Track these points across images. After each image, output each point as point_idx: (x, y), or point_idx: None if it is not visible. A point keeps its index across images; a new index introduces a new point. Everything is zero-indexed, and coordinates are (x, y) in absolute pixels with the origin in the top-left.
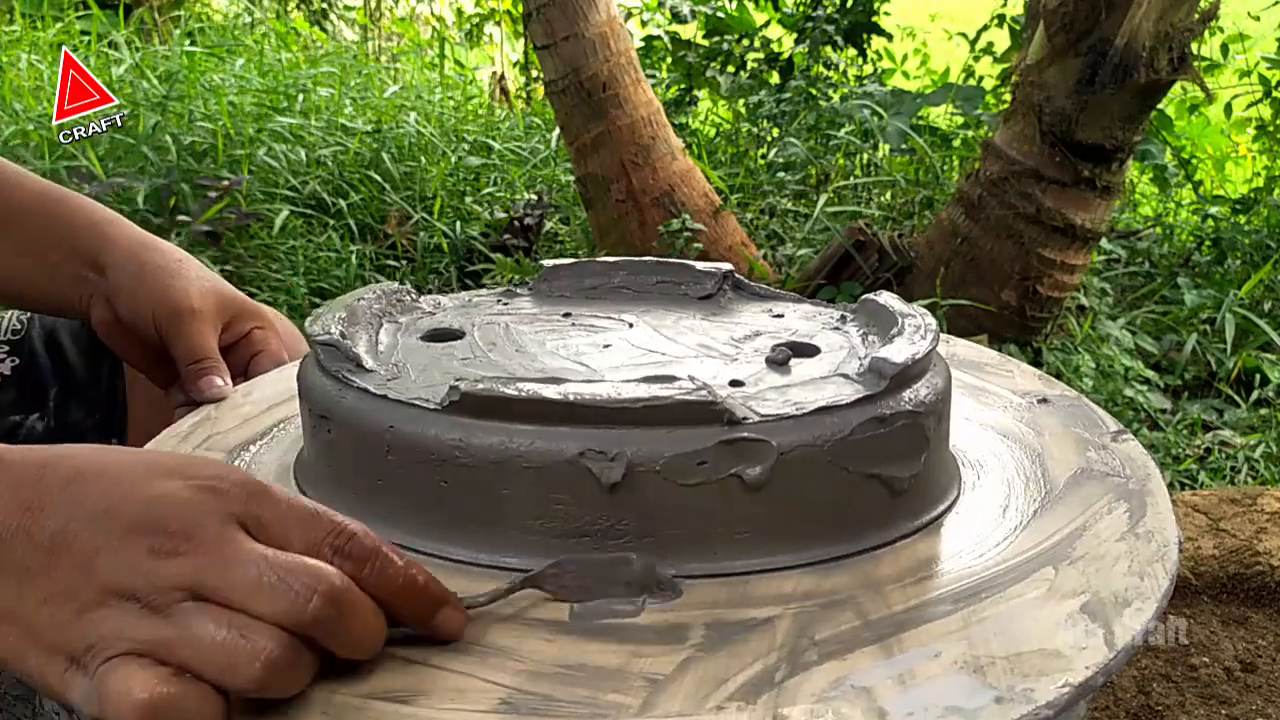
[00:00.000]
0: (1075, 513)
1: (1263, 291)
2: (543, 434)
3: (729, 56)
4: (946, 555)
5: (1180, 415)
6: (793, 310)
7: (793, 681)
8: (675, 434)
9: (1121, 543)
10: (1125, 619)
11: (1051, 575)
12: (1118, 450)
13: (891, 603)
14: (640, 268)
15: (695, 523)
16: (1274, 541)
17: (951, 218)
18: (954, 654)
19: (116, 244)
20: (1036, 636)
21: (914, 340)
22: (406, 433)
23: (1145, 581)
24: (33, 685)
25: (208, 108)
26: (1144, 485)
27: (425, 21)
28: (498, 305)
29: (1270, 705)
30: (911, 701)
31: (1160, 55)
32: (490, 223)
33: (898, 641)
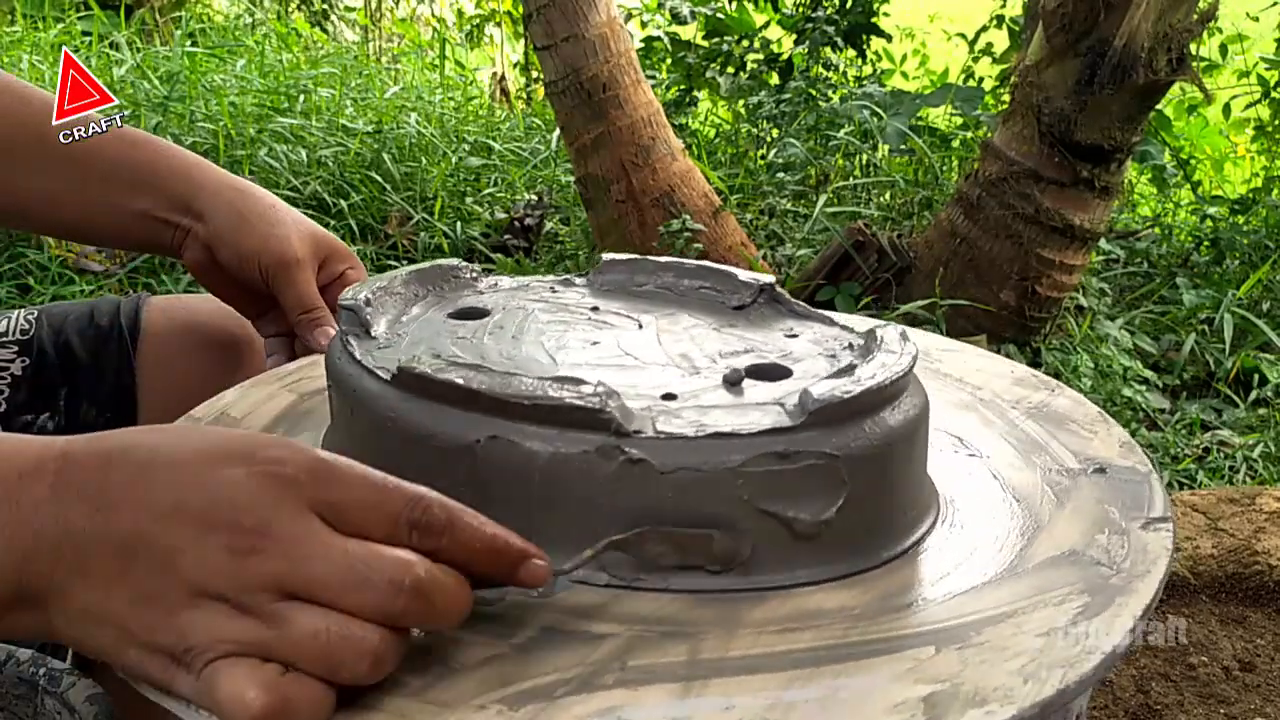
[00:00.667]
0: (1019, 596)
1: (1261, 291)
2: (452, 416)
3: (729, 57)
4: (833, 611)
5: (1179, 415)
6: (811, 331)
7: (568, 700)
8: (564, 435)
9: (1039, 639)
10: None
11: (929, 654)
12: (1136, 537)
13: (733, 647)
14: (687, 271)
15: (574, 528)
16: (1272, 541)
17: (950, 218)
18: (750, 713)
19: (210, 189)
20: (850, 719)
21: (860, 379)
22: (364, 399)
23: (1027, 685)
24: (138, 680)
25: (209, 108)
26: (1129, 583)
27: (426, 22)
28: (546, 292)
29: (1269, 704)
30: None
31: (1159, 56)
32: (491, 223)
33: (703, 685)
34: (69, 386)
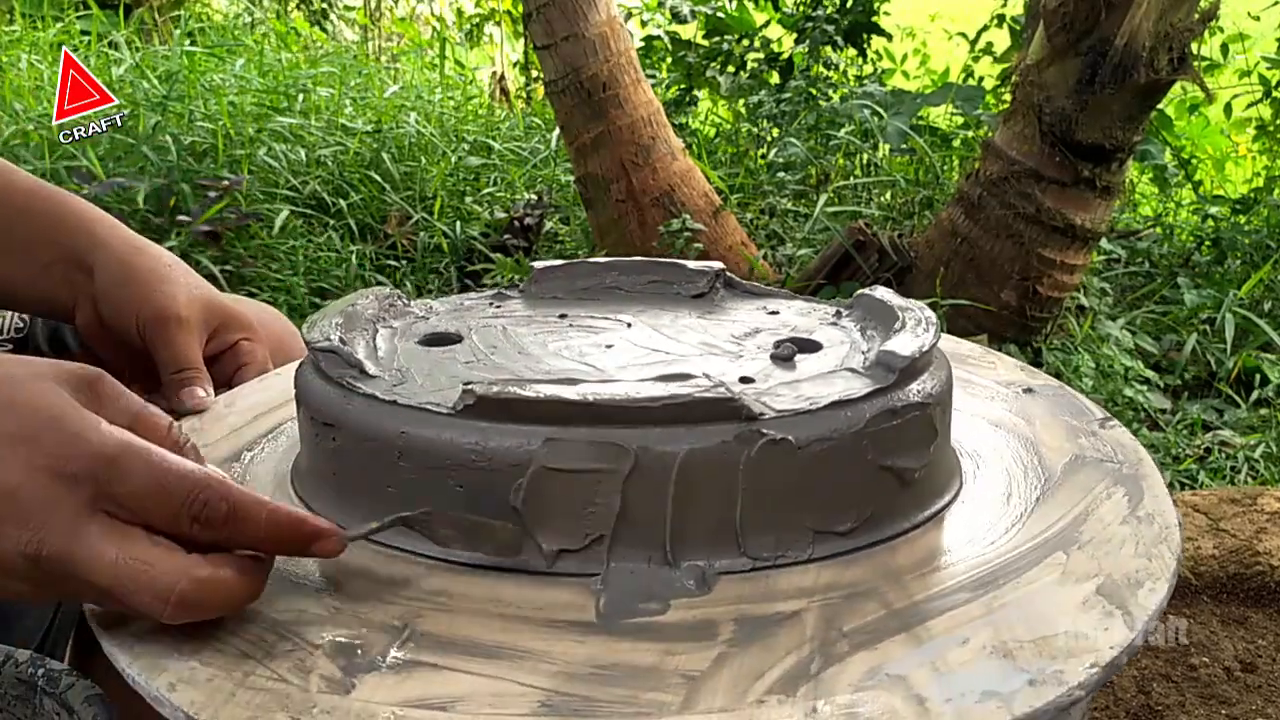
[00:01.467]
0: (1076, 498)
1: (1262, 291)
2: (561, 435)
3: (729, 56)
4: (958, 544)
5: (1180, 415)
6: (787, 307)
7: (829, 673)
8: (694, 431)
9: (1125, 526)
10: (1140, 599)
11: (1063, 560)
12: (1106, 436)
13: (912, 592)
14: (633, 268)
15: (715, 519)
16: (1274, 541)
17: (951, 218)
18: (981, 640)
19: (106, 245)
20: (1059, 620)
21: (918, 333)
22: (420, 438)
23: (1153, 563)
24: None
25: (208, 108)
26: (1137, 470)
27: (425, 22)
28: (491, 309)
29: (1270, 705)
30: (948, 688)
31: (1160, 55)
32: (490, 223)
33: (925, 629)
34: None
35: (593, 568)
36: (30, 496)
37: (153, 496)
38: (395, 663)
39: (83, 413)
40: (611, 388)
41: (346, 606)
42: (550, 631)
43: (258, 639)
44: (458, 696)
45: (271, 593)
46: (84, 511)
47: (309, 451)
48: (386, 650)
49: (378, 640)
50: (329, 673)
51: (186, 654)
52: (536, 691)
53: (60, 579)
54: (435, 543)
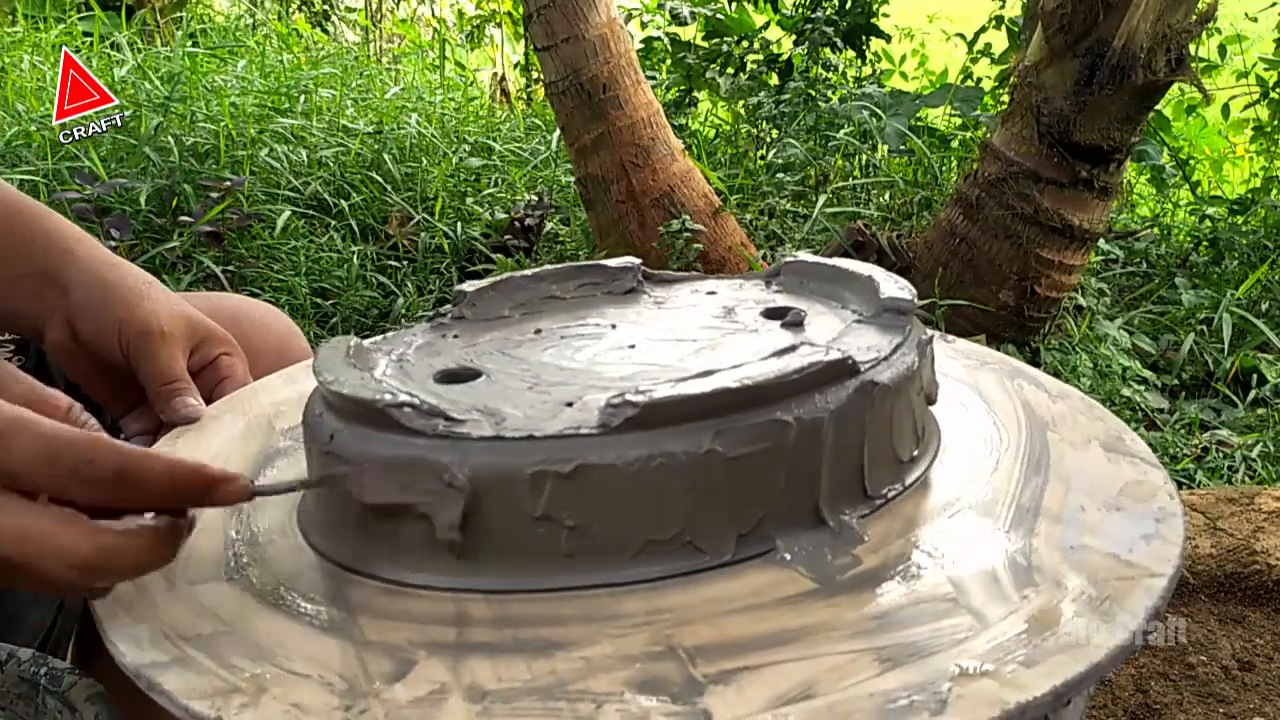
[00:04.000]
0: (1005, 394)
1: (1260, 291)
2: (727, 425)
3: (728, 58)
4: (979, 445)
5: (1178, 415)
6: (717, 286)
7: (1035, 559)
8: (827, 394)
9: (1058, 404)
10: (1132, 445)
11: (1058, 436)
12: (963, 348)
13: (1002, 488)
14: (560, 275)
15: (850, 471)
16: (1271, 540)
17: (950, 218)
18: (1091, 505)
19: (80, 262)
20: (1113, 475)
21: (894, 281)
22: (589, 465)
23: (1108, 422)
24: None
25: (210, 109)
26: (1012, 364)
27: (426, 23)
28: (451, 339)
29: (1268, 704)
30: (1118, 542)
31: (1158, 56)
32: (491, 223)
33: (1048, 510)
34: (66, 386)
35: (765, 546)
36: None
37: (42, 464)
38: (711, 677)
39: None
40: (752, 370)
41: (589, 653)
42: (795, 608)
43: (547, 709)
44: (807, 681)
45: (490, 668)
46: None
47: (373, 523)
48: (689, 672)
49: (667, 668)
50: (666, 709)
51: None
52: (862, 654)
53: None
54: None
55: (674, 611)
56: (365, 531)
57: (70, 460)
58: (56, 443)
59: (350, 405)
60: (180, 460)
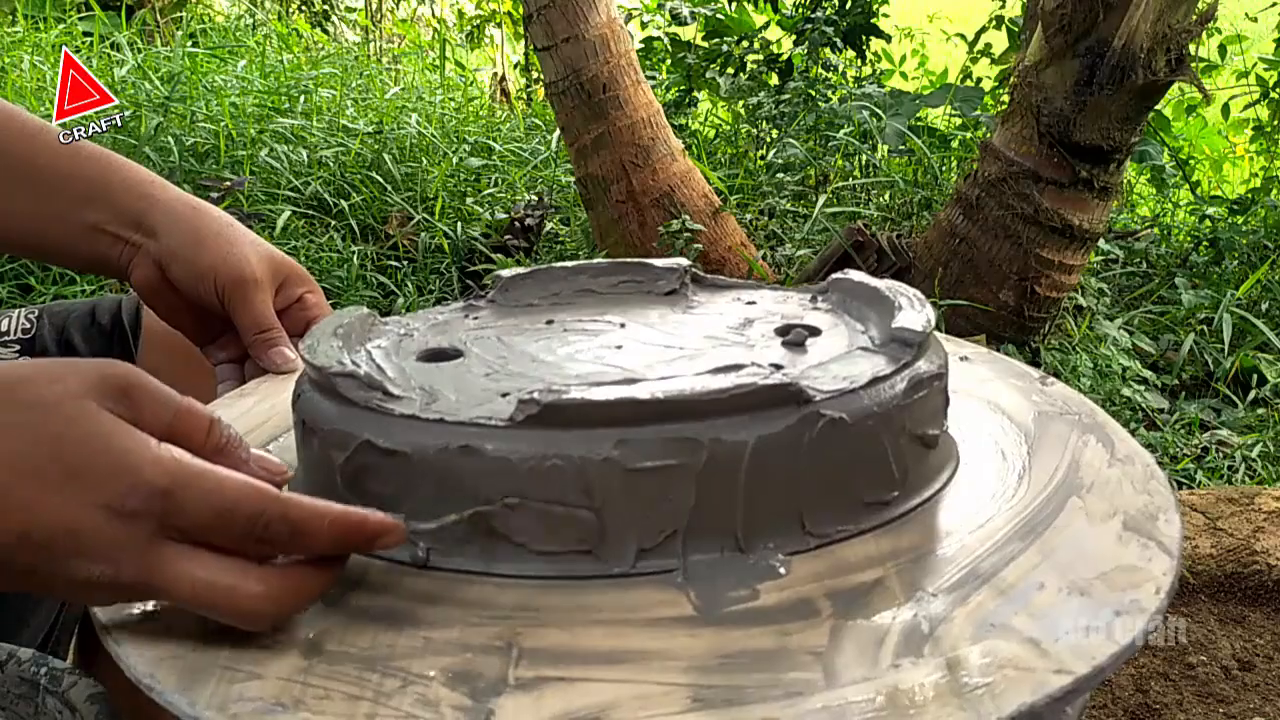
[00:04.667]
0: (1060, 449)
1: (1260, 292)
2: (632, 435)
3: (728, 58)
4: (985, 500)
5: (1178, 415)
6: (761, 296)
7: (941, 630)
8: (759, 418)
9: (1113, 469)
10: (1163, 529)
11: (1080, 503)
12: (1053, 393)
13: (972, 548)
14: (601, 269)
15: (781, 502)
16: (1271, 540)
17: (950, 218)
18: (1055, 583)
19: (164, 205)
20: (1108, 556)
21: (917, 309)
22: (484, 453)
23: (1155, 498)
24: None
25: (210, 109)
26: (1095, 418)
27: (426, 23)
28: (470, 320)
29: (1268, 704)
30: (1051, 629)
31: (1158, 56)
32: (491, 223)
33: (1000, 580)
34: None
35: (669, 563)
36: (93, 535)
37: (215, 525)
38: (521, 681)
39: (129, 436)
40: (672, 384)
41: (436, 634)
42: (656, 630)
43: (358, 679)
44: (606, 704)
45: (343, 631)
46: (151, 542)
47: (324, 479)
48: (505, 671)
49: (489, 663)
50: (458, 702)
51: (290, 708)
52: (680, 689)
53: (141, 597)
54: (510, 540)
55: (540, 612)
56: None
57: (243, 521)
58: (226, 503)
59: (312, 371)
60: (343, 512)
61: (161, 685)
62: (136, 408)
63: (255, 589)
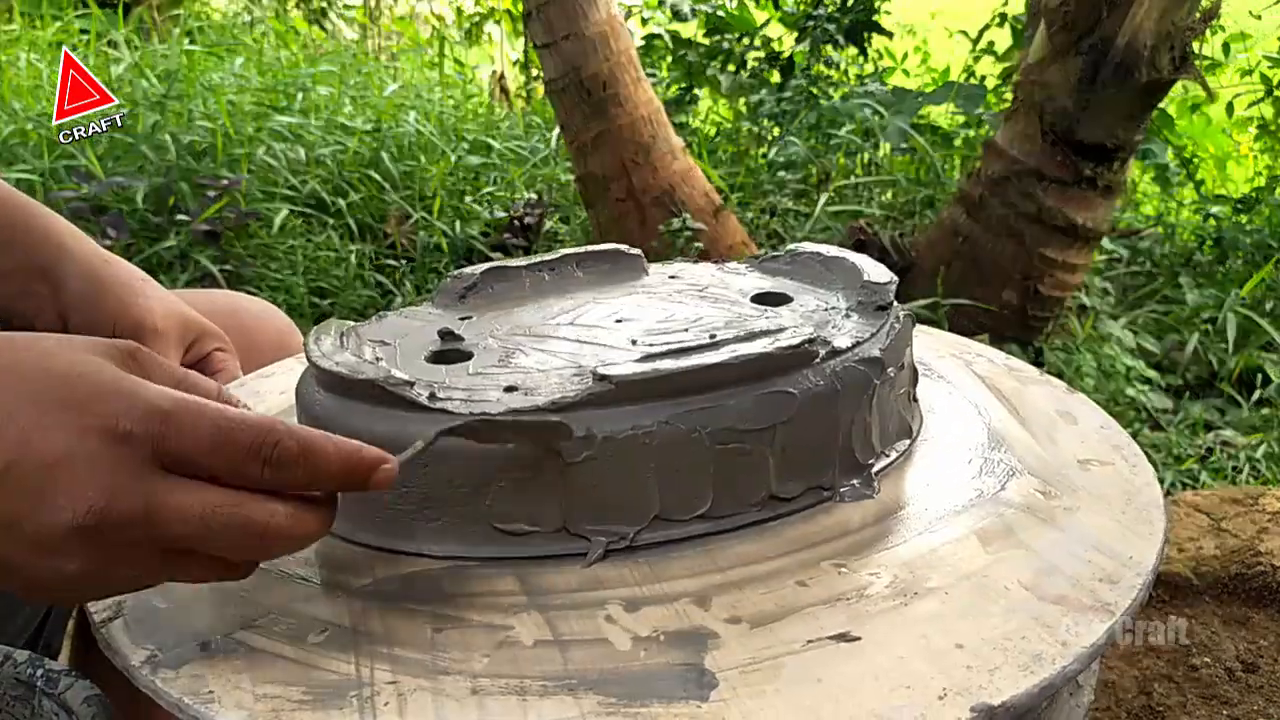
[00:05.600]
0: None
1: (1264, 291)
2: (713, 399)
3: (729, 55)
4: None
5: (1182, 415)
6: (681, 270)
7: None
8: (803, 375)
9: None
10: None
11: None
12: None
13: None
14: (541, 267)
15: (846, 439)
16: (1276, 541)
17: (953, 217)
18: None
19: (74, 258)
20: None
21: (877, 265)
22: (604, 429)
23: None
24: None
25: (207, 107)
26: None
27: (425, 20)
28: (423, 324)
29: (1272, 705)
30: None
31: (1161, 54)
32: (490, 222)
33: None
34: None
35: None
36: (86, 460)
37: (219, 446)
38: None
39: (129, 375)
40: (750, 345)
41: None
42: None
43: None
44: None
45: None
46: (147, 467)
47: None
48: None
49: None
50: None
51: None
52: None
53: (126, 543)
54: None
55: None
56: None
57: (249, 440)
58: (233, 423)
59: (328, 378)
60: (346, 441)
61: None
62: (144, 369)
63: (274, 506)
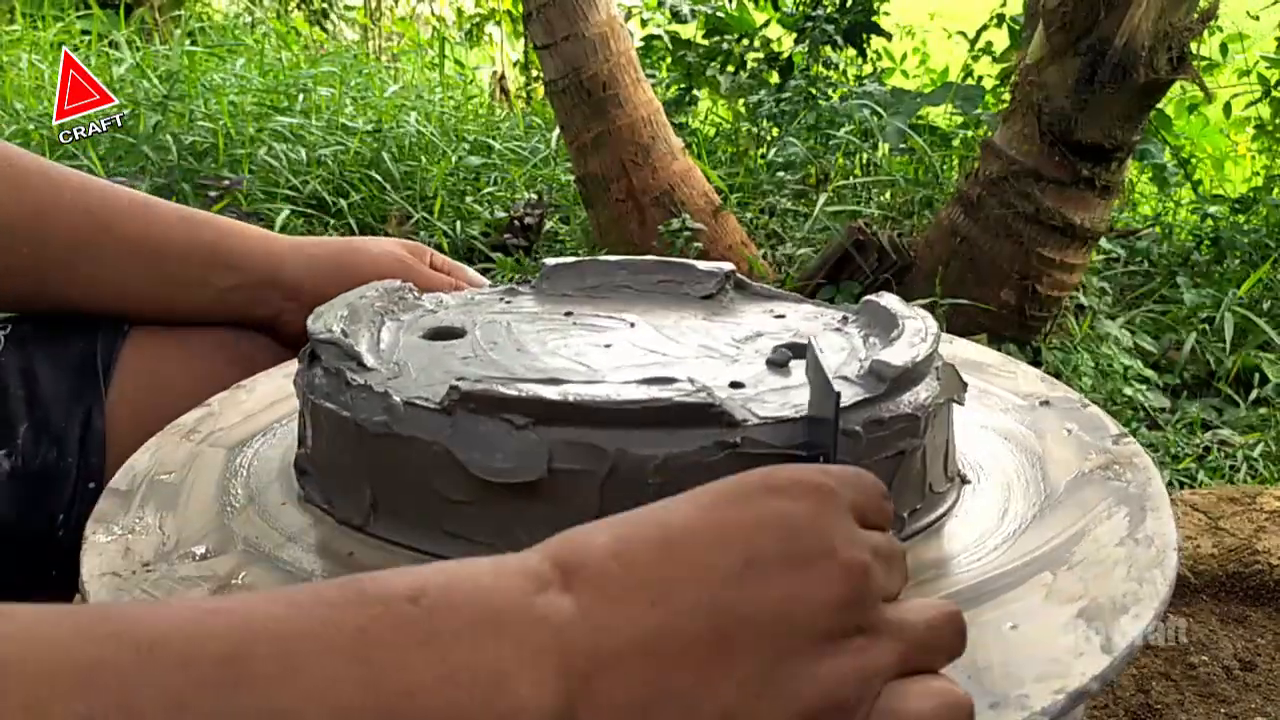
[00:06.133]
0: (1074, 517)
1: (1262, 291)
2: (540, 434)
3: (729, 56)
4: (947, 558)
5: (1179, 414)
6: (794, 311)
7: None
8: (674, 435)
9: (1121, 548)
10: (1123, 625)
11: (1050, 580)
12: (1119, 453)
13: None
14: (642, 267)
15: None
16: (1273, 540)
17: (951, 217)
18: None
19: (293, 257)
20: (1036, 643)
21: (913, 343)
22: (408, 432)
23: (1144, 587)
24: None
25: (208, 107)
26: (1144, 489)
27: (425, 21)
28: (500, 304)
29: (1269, 703)
30: None
31: (1159, 55)
32: (490, 222)
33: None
34: (30, 423)
35: None
36: (809, 519)
37: (874, 494)
38: None
39: None
40: (594, 389)
41: None
42: None
43: None
44: None
45: None
46: (847, 512)
47: (308, 439)
48: None
49: None
50: None
51: None
52: None
53: None
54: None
55: None
56: None
57: (880, 489)
58: (876, 481)
59: (309, 335)
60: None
61: None
62: None
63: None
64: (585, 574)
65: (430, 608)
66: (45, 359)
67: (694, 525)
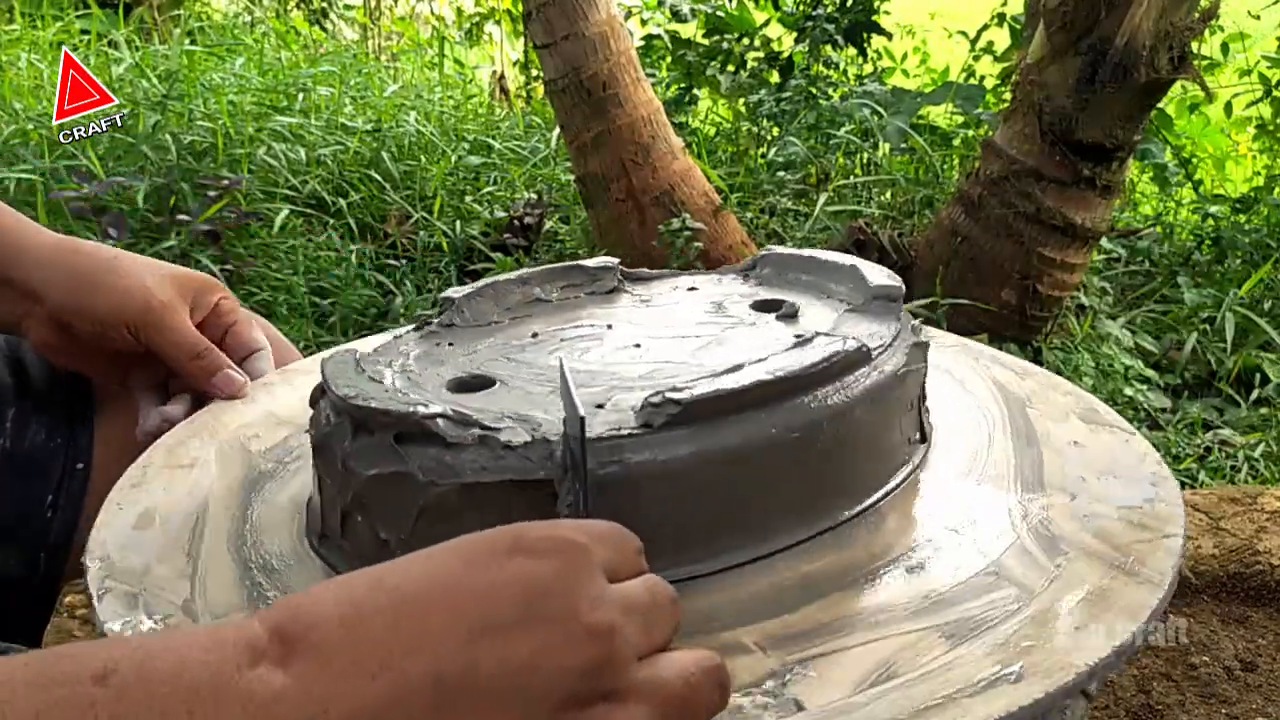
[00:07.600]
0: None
1: (1263, 290)
2: (758, 417)
3: (729, 55)
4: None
5: (1180, 414)
6: (695, 281)
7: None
8: (848, 381)
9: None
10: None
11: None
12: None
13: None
14: (542, 277)
15: (875, 451)
16: (1274, 541)
17: (951, 217)
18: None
19: (36, 256)
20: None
21: (880, 268)
22: (636, 463)
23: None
24: None
25: (207, 107)
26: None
27: (425, 21)
28: (448, 347)
29: (1270, 704)
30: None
31: (1160, 54)
32: (490, 222)
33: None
34: (18, 408)
35: (805, 532)
36: (555, 580)
37: (624, 548)
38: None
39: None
40: (779, 360)
41: None
42: (849, 592)
43: None
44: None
45: None
46: (597, 572)
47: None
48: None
49: (744, 661)
50: None
51: None
52: (939, 628)
53: None
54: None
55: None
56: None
57: (633, 541)
58: (622, 532)
59: (378, 417)
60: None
61: None
62: None
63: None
64: (308, 643)
65: (120, 688)
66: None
67: (428, 590)
